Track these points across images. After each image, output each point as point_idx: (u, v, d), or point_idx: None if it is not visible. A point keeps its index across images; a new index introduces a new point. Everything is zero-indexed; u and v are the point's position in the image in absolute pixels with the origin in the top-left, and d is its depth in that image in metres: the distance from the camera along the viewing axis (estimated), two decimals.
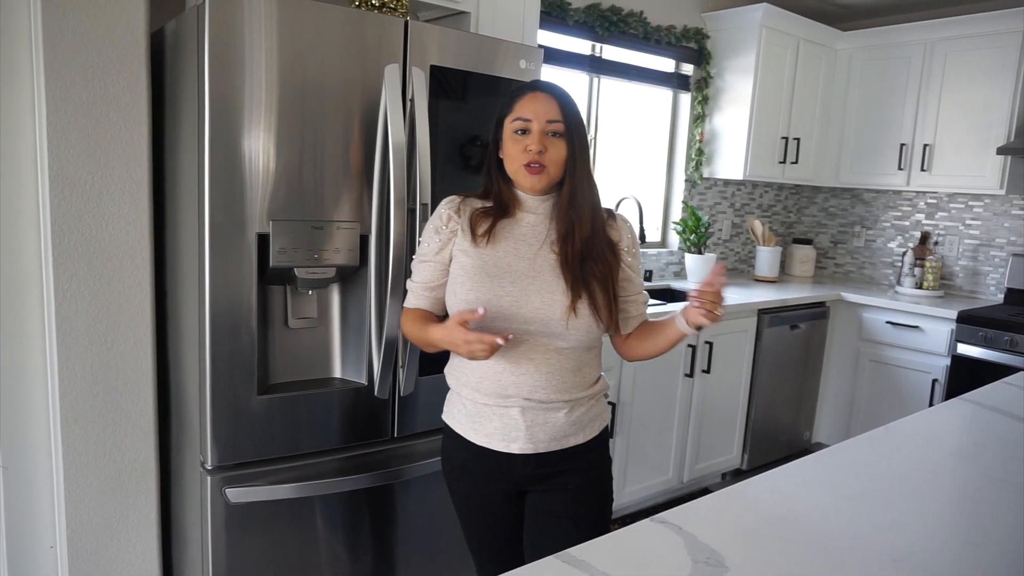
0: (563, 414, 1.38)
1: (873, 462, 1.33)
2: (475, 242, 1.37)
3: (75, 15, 1.54)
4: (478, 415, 1.40)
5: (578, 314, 1.33)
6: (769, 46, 3.48)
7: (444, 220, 1.40)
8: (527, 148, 1.33)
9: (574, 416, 1.39)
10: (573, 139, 1.35)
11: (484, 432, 1.39)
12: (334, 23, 1.61)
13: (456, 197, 1.44)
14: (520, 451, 1.37)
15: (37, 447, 1.70)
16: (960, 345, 3.19)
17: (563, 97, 1.36)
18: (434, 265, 1.41)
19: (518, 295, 1.33)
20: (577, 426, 1.40)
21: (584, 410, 1.41)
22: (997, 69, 3.29)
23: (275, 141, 1.58)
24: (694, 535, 0.99)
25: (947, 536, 1.07)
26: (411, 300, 1.46)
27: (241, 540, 1.68)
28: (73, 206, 1.59)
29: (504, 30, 2.28)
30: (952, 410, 1.67)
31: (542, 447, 1.38)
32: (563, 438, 1.39)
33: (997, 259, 3.65)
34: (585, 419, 1.42)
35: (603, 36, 3.18)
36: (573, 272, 1.33)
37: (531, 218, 1.39)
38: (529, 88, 1.38)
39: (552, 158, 1.34)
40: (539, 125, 1.33)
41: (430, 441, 1.92)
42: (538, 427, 1.37)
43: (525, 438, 1.36)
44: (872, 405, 3.53)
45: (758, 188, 4.16)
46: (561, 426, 1.38)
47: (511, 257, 1.36)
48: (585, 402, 1.41)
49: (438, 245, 1.40)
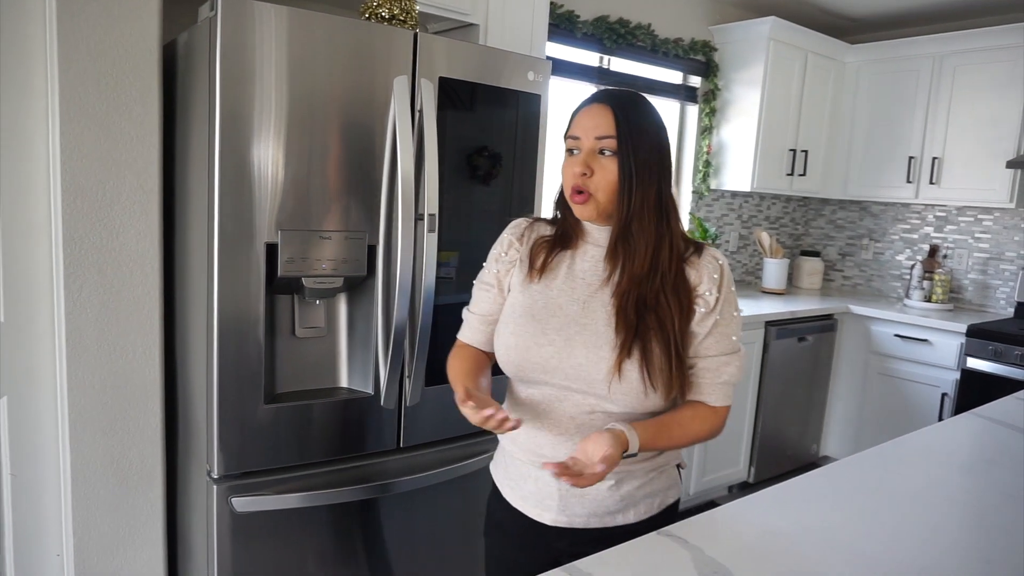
0: (607, 487, 1.15)
1: (882, 477, 1.32)
2: (530, 276, 1.19)
3: (90, 26, 1.56)
4: (515, 474, 1.22)
5: (623, 377, 1.08)
6: (777, 59, 3.49)
7: (505, 247, 1.24)
8: (573, 172, 1.13)
9: (623, 491, 1.16)
10: (628, 157, 1.10)
11: (519, 494, 1.22)
12: (344, 35, 1.62)
13: (524, 221, 1.26)
14: (553, 523, 1.18)
15: (45, 455, 1.71)
16: (970, 359, 3.17)
17: (624, 107, 1.12)
18: (492, 295, 1.24)
19: (561, 345, 1.12)
20: (627, 502, 1.17)
21: (638, 484, 1.17)
22: (1006, 82, 3.28)
23: (284, 151, 1.59)
24: (700, 548, 0.98)
25: (957, 553, 1.06)
26: (464, 332, 1.29)
27: (247, 549, 1.68)
28: (84, 215, 1.61)
29: (513, 42, 2.29)
30: (962, 425, 1.65)
31: (578, 522, 1.17)
32: (606, 515, 1.16)
33: (1007, 272, 3.63)
34: (639, 495, 1.17)
35: (611, 48, 3.20)
36: (627, 321, 1.09)
37: (595, 251, 1.18)
38: (590, 100, 1.17)
39: (599, 183, 1.11)
40: (588, 143, 1.12)
41: (437, 452, 1.91)
42: (575, 498, 1.16)
43: (558, 508, 1.17)
44: (881, 419, 3.50)
45: (765, 200, 4.16)
46: (604, 501, 1.16)
47: (564, 298, 1.16)
48: (640, 475, 1.17)
49: (496, 275, 1.24)
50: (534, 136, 2.00)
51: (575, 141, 1.14)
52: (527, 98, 1.96)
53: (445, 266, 1.86)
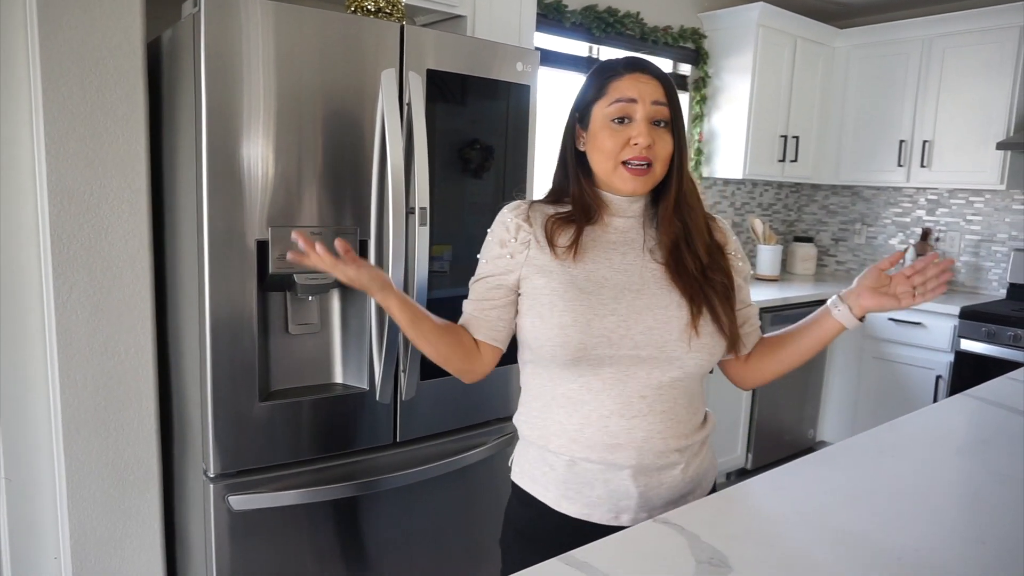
0: (679, 470, 1.12)
1: (877, 460, 1.32)
2: (556, 255, 1.11)
3: (71, 26, 1.54)
4: (578, 479, 1.11)
5: (700, 333, 1.08)
6: (766, 45, 3.48)
7: (513, 230, 1.14)
8: (632, 141, 1.06)
9: (691, 471, 1.13)
10: (679, 128, 1.11)
11: (584, 501, 1.11)
12: (329, 29, 1.61)
13: (521, 202, 1.18)
14: (632, 523, 1.09)
15: (39, 458, 1.70)
16: (963, 341, 3.18)
17: (668, 81, 1.11)
18: (496, 283, 1.15)
19: (625, 314, 1.07)
20: (694, 483, 1.15)
21: (699, 461, 1.16)
22: (996, 64, 3.28)
23: (273, 148, 1.58)
24: (697, 535, 0.98)
25: (952, 534, 1.06)
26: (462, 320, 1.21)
27: (244, 548, 1.68)
28: (72, 216, 1.59)
29: (501, 33, 2.28)
30: (956, 406, 1.66)
31: (657, 510, 1.11)
32: (680, 500, 1.12)
33: (999, 254, 3.64)
34: (699, 473, 1.15)
35: (600, 37, 3.19)
36: (690, 284, 1.10)
37: (621, 222, 1.15)
38: (626, 67, 1.10)
39: (660, 154, 1.09)
40: (644, 111, 1.07)
41: (433, 445, 1.91)
42: (653, 490, 1.10)
43: (638, 507, 1.10)
44: (876, 402, 3.52)
45: (758, 187, 4.16)
46: (678, 486, 1.12)
47: (605, 269, 1.11)
48: (699, 450, 1.16)
49: (506, 261, 1.14)
50: (524, 127, 1.99)
51: (629, 105, 1.07)
52: (516, 89, 1.95)
53: (438, 260, 1.85)
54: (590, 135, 1.12)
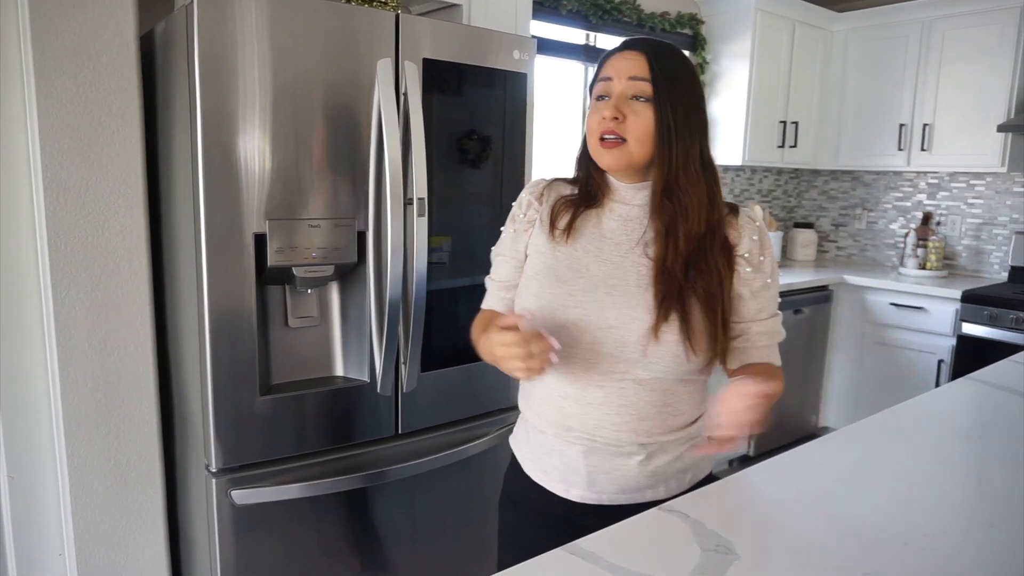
0: (637, 461, 1.10)
1: (881, 445, 1.32)
2: (552, 236, 1.13)
3: (63, 20, 1.53)
4: (539, 447, 1.17)
5: (660, 339, 1.03)
6: (764, 30, 3.46)
7: (523, 207, 1.18)
8: (603, 116, 1.05)
9: (652, 466, 1.11)
10: (665, 103, 1.03)
11: (543, 468, 1.16)
12: (324, 18, 1.60)
13: (542, 180, 1.20)
14: (580, 499, 1.13)
15: (42, 455, 1.69)
16: (965, 325, 3.17)
17: (657, 52, 1.06)
18: (510, 260, 1.18)
19: (590, 307, 1.07)
20: (657, 478, 1.12)
21: (670, 459, 1.12)
22: (996, 46, 3.26)
23: (269, 140, 1.56)
24: (702, 523, 0.98)
25: (958, 517, 1.06)
26: (487, 300, 1.24)
27: (248, 542, 1.68)
28: (68, 212, 1.58)
29: (496, 21, 2.26)
30: (959, 390, 1.65)
31: (606, 498, 1.12)
32: (635, 491, 1.12)
33: (1000, 237, 3.63)
34: (670, 471, 1.12)
35: (596, 25, 3.16)
36: (667, 283, 1.04)
37: (624, 210, 1.12)
38: (621, 46, 1.10)
39: (633, 128, 1.04)
40: (620, 86, 1.05)
41: (435, 437, 1.91)
42: (603, 474, 1.11)
43: (585, 484, 1.12)
44: (878, 388, 3.52)
45: (757, 173, 4.14)
46: (633, 476, 1.11)
47: (591, 258, 1.10)
48: (672, 448, 1.12)
49: (513, 236, 1.18)
50: (521, 116, 1.98)
51: (606, 84, 1.07)
52: (513, 77, 1.93)
53: (437, 251, 1.84)
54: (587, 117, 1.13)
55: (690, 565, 0.87)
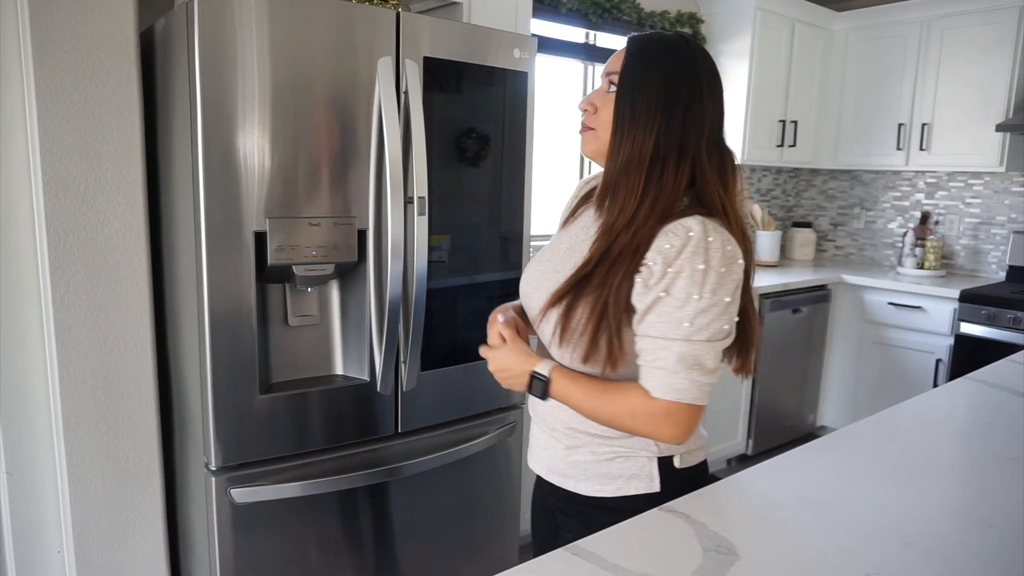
0: (561, 447, 1.14)
1: (881, 444, 1.32)
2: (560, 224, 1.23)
3: (63, 16, 1.52)
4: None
5: (545, 319, 1.09)
6: (764, 29, 3.46)
7: (570, 199, 1.27)
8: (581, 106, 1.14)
9: (574, 458, 1.13)
10: (626, 97, 1.02)
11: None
12: (325, 16, 1.59)
13: (592, 176, 1.24)
14: (532, 467, 1.23)
15: (40, 453, 1.69)
16: (963, 324, 3.18)
17: (642, 43, 1.05)
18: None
19: (529, 279, 1.19)
20: (579, 470, 1.12)
21: (592, 459, 1.11)
22: (994, 46, 3.26)
23: (269, 138, 1.56)
24: (704, 523, 0.98)
25: (958, 517, 1.06)
26: None
27: (247, 540, 1.68)
28: (68, 210, 1.58)
29: (496, 20, 2.25)
30: (958, 390, 1.66)
31: (541, 471, 1.20)
32: (559, 476, 1.15)
33: (998, 237, 3.64)
34: (593, 471, 1.11)
35: (596, 23, 3.16)
36: (579, 271, 1.05)
37: None
38: None
39: (600, 119, 1.08)
40: (602, 81, 1.11)
41: (435, 436, 1.91)
42: (540, 449, 1.19)
43: (531, 454, 1.23)
44: (876, 387, 3.52)
45: (756, 172, 4.15)
46: (557, 461, 1.15)
47: (566, 244, 1.15)
48: (596, 449, 1.10)
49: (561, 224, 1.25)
50: (522, 115, 1.97)
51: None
52: (514, 76, 1.93)
53: (437, 250, 1.84)
54: None
55: (692, 565, 0.87)
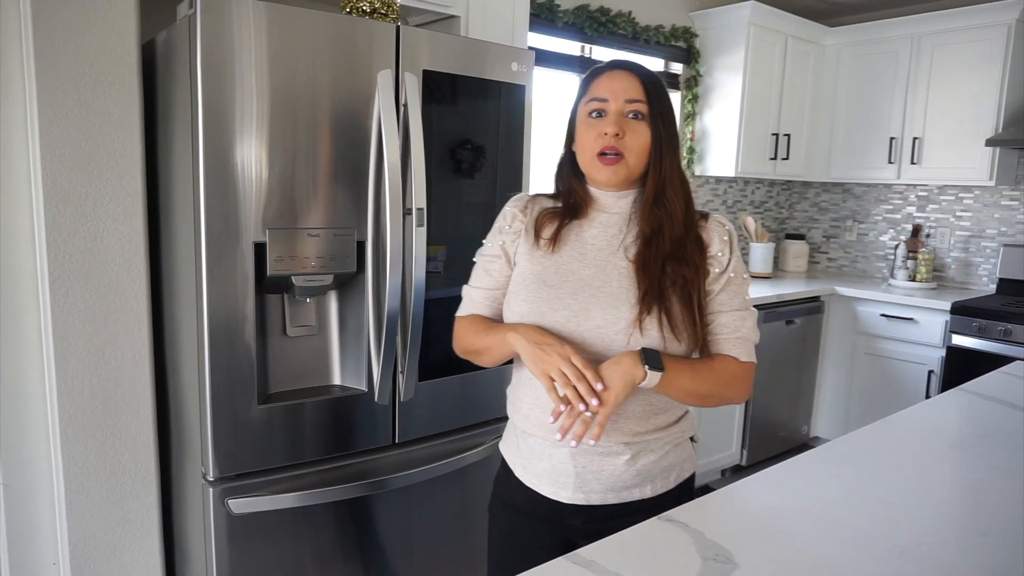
0: (623, 461, 1.15)
1: (876, 455, 1.34)
2: (537, 245, 1.20)
3: (66, 29, 1.53)
4: (528, 451, 1.22)
5: (644, 331, 1.10)
6: (757, 43, 3.50)
7: (508, 220, 1.25)
8: (602, 133, 1.13)
9: (639, 465, 1.16)
10: (659, 122, 1.14)
11: (533, 472, 1.21)
12: (325, 30, 1.61)
13: (525, 195, 1.29)
14: (569, 500, 1.17)
15: (37, 463, 1.69)
16: (955, 336, 3.21)
17: (647, 75, 1.17)
18: (495, 269, 1.25)
19: (578, 309, 1.13)
20: (643, 477, 1.17)
21: (655, 458, 1.17)
22: (984, 62, 3.31)
23: (269, 150, 1.57)
24: (701, 532, 0.99)
25: (953, 526, 1.08)
26: (466, 307, 1.29)
27: (244, 551, 1.67)
28: (67, 220, 1.58)
29: (494, 33, 2.28)
30: (951, 401, 1.67)
31: (595, 499, 1.16)
32: (623, 490, 1.16)
33: (988, 250, 3.68)
34: (656, 469, 1.17)
35: (592, 37, 3.19)
36: (650, 279, 1.11)
37: (605, 218, 1.20)
38: (608, 67, 1.19)
39: (631, 145, 1.13)
40: (617, 105, 1.13)
41: (432, 446, 1.91)
42: (591, 475, 1.15)
43: (575, 486, 1.16)
44: (869, 398, 3.54)
45: (750, 184, 4.18)
46: (621, 476, 1.15)
47: (576, 263, 1.17)
48: (657, 447, 1.18)
49: (499, 247, 1.24)
50: (519, 128, 1.99)
51: (601, 103, 1.15)
52: (511, 89, 1.95)
53: (433, 260, 1.85)
54: (577, 133, 1.20)
55: (691, 574, 0.88)
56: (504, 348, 1.17)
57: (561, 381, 1.05)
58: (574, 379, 1.04)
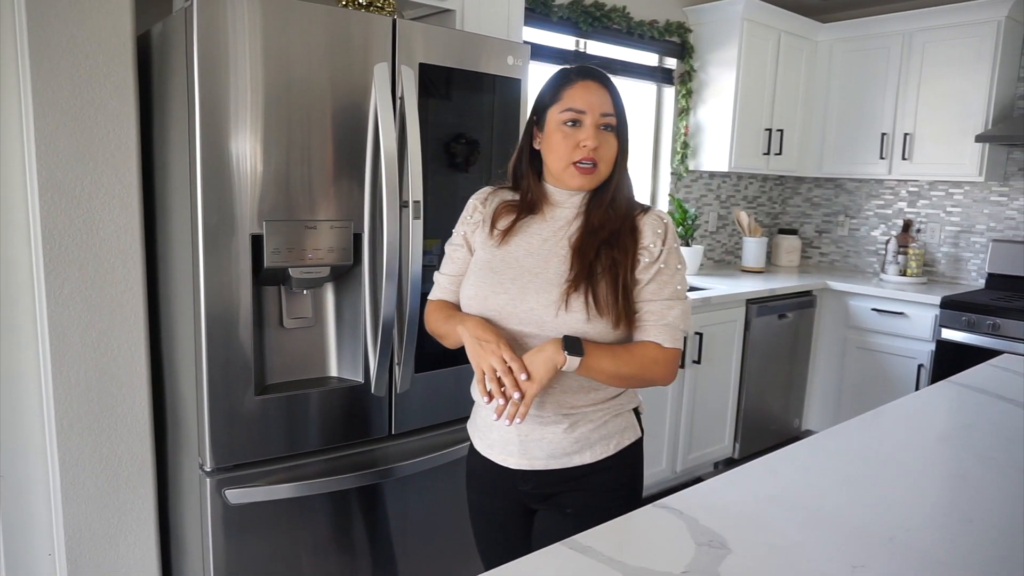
0: (562, 429, 1.25)
1: (865, 445, 1.36)
2: (491, 236, 1.30)
3: (60, 20, 1.53)
4: (481, 424, 1.34)
5: (569, 308, 1.19)
6: (751, 39, 3.51)
7: (470, 211, 1.36)
8: (580, 144, 1.22)
9: (576, 433, 1.26)
10: (623, 134, 1.27)
11: (487, 443, 1.33)
12: (322, 23, 1.61)
13: (488, 188, 1.39)
14: (517, 467, 1.28)
15: (33, 454, 1.69)
16: (944, 330, 3.24)
17: (613, 87, 1.27)
18: (461, 255, 1.35)
19: (515, 293, 1.23)
20: (581, 444, 1.26)
21: (593, 427, 1.27)
22: (974, 58, 3.34)
23: (266, 142, 1.58)
24: (696, 519, 1.01)
25: (940, 514, 1.10)
26: (436, 291, 1.40)
27: (241, 541, 1.68)
28: (63, 212, 1.59)
29: (489, 27, 2.28)
30: (940, 393, 1.70)
31: (539, 464, 1.27)
32: (563, 456, 1.26)
33: (978, 245, 3.71)
34: (594, 437, 1.27)
35: (587, 31, 3.20)
36: (583, 261, 1.21)
37: (558, 212, 1.30)
38: (578, 75, 1.26)
39: (604, 155, 1.24)
40: (593, 118, 1.23)
41: (428, 437, 1.93)
42: (533, 442, 1.26)
43: (519, 453, 1.27)
44: (860, 391, 3.58)
45: (743, 179, 4.20)
46: (560, 443, 1.26)
47: (522, 252, 1.27)
48: (595, 417, 1.27)
49: (462, 236, 1.35)
50: (515, 121, 2.00)
51: (578, 115, 1.23)
52: (507, 83, 1.96)
53: (427, 254, 1.86)
54: (545, 136, 1.27)
55: (686, 559, 0.90)
56: (456, 337, 1.27)
57: (490, 375, 1.16)
58: (502, 374, 1.15)
